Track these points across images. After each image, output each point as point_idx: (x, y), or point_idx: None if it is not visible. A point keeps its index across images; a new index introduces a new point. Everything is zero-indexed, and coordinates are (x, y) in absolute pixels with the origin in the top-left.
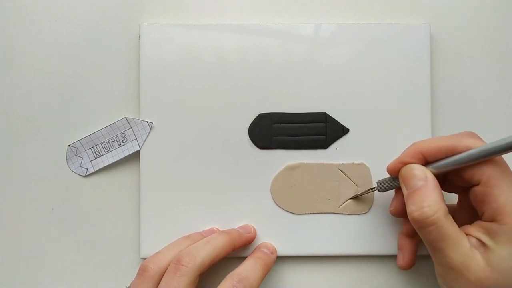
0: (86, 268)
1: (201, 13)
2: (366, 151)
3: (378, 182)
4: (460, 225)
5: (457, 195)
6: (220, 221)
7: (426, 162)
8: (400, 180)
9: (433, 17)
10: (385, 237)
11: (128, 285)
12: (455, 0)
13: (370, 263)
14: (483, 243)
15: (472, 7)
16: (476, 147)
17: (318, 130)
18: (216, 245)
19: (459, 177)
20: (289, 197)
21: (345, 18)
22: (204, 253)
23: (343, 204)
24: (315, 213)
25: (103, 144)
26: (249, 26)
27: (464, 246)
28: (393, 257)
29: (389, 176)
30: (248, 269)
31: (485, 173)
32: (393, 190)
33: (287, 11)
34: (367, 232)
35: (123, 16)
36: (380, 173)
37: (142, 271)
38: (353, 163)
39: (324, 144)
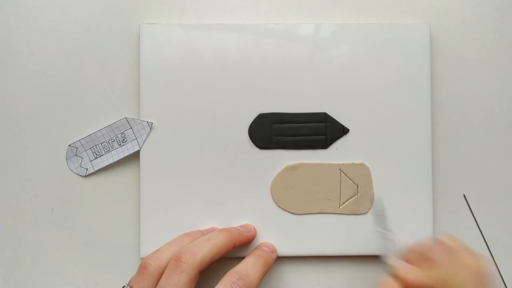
0: (86, 268)
1: (201, 13)
2: (366, 151)
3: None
4: None
5: None
6: (220, 221)
7: None
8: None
9: (433, 17)
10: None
11: (128, 282)
12: (455, 0)
13: (370, 263)
14: None
15: (472, 7)
16: None
17: (318, 130)
18: (216, 242)
19: None
20: (289, 197)
21: (345, 18)
22: (204, 250)
23: (343, 204)
24: (315, 213)
25: (103, 144)
26: (249, 26)
27: None
28: None
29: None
30: (248, 267)
31: None
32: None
33: (287, 11)
34: (367, 232)
35: (123, 16)
36: (380, 173)
37: (142, 268)
38: (353, 163)
39: (324, 144)
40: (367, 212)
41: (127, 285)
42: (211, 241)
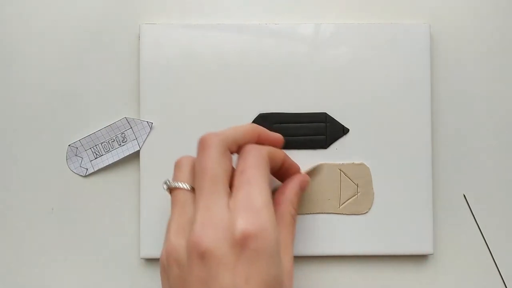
0: (86, 268)
1: (201, 13)
2: (366, 151)
3: None
4: None
5: None
6: None
7: None
8: None
9: (433, 17)
10: (385, 237)
11: (168, 180)
12: (455, 0)
13: (370, 263)
14: None
15: (472, 7)
16: None
17: (318, 130)
18: (238, 127)
19: None
20: None
21: (345, 18)
22: (226, 131)
23: (343, 204)
24: (315, 213)
25: (103, 144)
26: (249, 26)
27: None
28: (393, 257)
29: None
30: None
31: None
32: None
33: (287, 11)
34: (367, 232)
35: (123, 16)
36: (380, 173)
37: (176, 164)
38: (353, 163)
39: (324, 144)
40: (367, 212)
41: (168, 180)
42: (232, 127)
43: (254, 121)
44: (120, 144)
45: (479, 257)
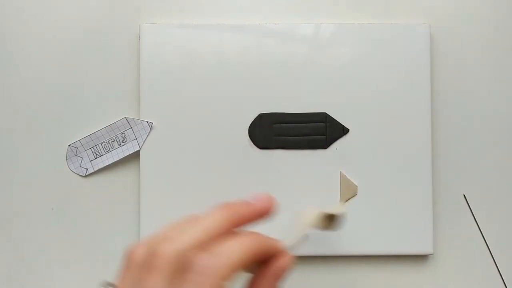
0: (86, 268)
1: (201, 13)
2: (366, 151)
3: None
4: None
5: None
6: None
7: None
8: None
9: (433, 17)
10: (385, 237)
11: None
12: (455, 0)
13: (371, 262)
14: None
15: (472, 7)
16: None
17: (318, 130)
18: (208, 223)
19: None
20: None
21: (345, 18)
22: (189, 235)
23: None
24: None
25: (103, 144)
26: (249, 26)
27: None
28: (392, 257)
29: None
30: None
31: None
32: None
33: (287, 11)
34: (367, 232)
35: (123, 16)
36: (380, 173)
37: (127, 258)
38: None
39: (324, 144)
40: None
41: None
42: (200, 222)
43: (254, 121)
44: (120, 144)
45: (479, 257)
